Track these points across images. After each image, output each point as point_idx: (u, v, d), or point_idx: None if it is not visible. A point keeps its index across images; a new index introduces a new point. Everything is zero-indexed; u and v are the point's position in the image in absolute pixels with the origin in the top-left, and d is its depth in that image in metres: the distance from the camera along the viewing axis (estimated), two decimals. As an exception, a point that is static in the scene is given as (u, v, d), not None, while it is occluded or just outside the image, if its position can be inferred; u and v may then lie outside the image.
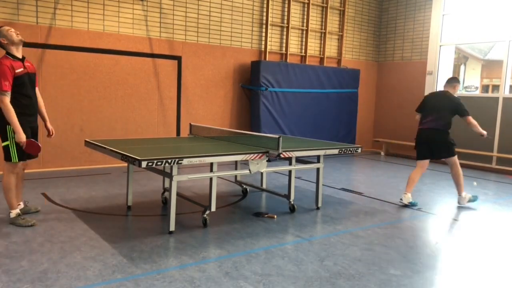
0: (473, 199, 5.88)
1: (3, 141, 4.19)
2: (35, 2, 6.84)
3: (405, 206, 5.65)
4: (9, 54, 4.16)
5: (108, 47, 7.49)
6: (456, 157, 5.82)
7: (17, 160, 4.19)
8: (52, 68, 7.04)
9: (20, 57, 4.22)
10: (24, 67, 4.21)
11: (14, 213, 4.30)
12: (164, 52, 8.08)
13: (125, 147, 4.47)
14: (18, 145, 4.13)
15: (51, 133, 4.64)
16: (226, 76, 8.86)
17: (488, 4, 9.41)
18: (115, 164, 7.45)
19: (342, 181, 7.12)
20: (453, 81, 6.01)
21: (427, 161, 5.87)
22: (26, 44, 6.76)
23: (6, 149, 4.17)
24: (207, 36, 8.55)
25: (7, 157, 4.19)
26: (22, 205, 4.61)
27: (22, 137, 4.09)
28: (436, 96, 6.04)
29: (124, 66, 7.69)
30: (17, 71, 4.10)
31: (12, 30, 4.20)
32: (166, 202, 5.31)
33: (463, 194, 5.82)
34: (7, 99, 4.01)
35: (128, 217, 4.85)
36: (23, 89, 4.16)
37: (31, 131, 4.29)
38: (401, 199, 5.71)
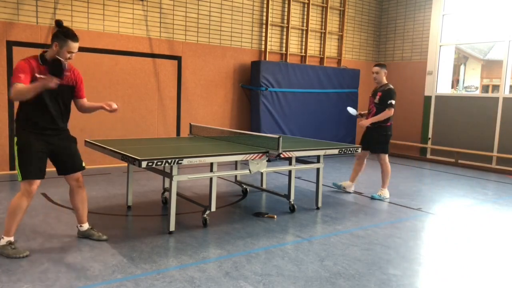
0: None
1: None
2: (35, 2, 6.84)
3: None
4: (42, 57, 3.54)
5: (108, 47, 7.49)
6: None
7: (21, 178, 3.50)
8: (52, 68, 7.03)
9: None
10: None
11: (5, 240, 3.56)
12: (164, 52, 8.08)
13: (125, 147, 4.47)
14: (22, 161, 3.49)
15: (112, 107, 3.89)
16: (226, 76, 8.86)
17: (488, 4, 9.41)
18: (115, 164, 7.44)
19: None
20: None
21: None
22: (26, 44, 6.82)
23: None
24: (207, 36, 8.55)
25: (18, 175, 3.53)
26: (85, 227, 4.02)
27: (45, 82, 3.32)
28: None
29: (124, 66, 7.69)
30: (37, 75, 3.45)
31: (72, 51, 3.55)
32: (166, 202, 5.31)
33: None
34: (13, 87, 3.33)
35: (128, 217, 4.85)
36: (37, 102, 3.47)
37: (47, 148, 3.62)
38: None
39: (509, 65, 9.02)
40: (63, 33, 3.51)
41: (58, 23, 3.72)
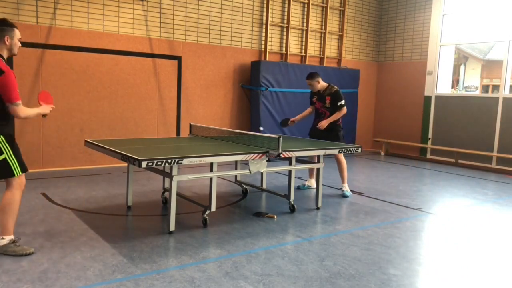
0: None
1: None
2: (35, 2, 6.84)
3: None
4: (2, 57, 3.53)
5: (108, 47, 7.49)
6: None
7: (20, 172, 3.54)
8: (52, 68, 7.04)
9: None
10: None
11: (7, 239, 3.54)
12: (164, 52, 8.08)
13: (125, 147, 4.47)
14: (17, 157, 3.53)
15: None
16: (226, 76, 8.86)
17: (488, 4, 9.41)
18: (115, 164, 7.45)
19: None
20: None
21: None
22: (26, 44, 6.82)
23: (3, 164, 3.47)
24: (207, 36, 8.55)
25: (8, 173, 3.50)
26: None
27: (46, 109, 3.72)
28: None
29: (124, 66, 7.69)
30: None
31: (20, 38, 3.65)
32: (166, 202, 5.31)
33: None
34: (21, 108, 3.47)
35: (128, 217, 4.85)
36: None
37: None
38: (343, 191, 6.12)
39: (509, 65, 9.02)
40: (7, 25, 3.55)
41: None
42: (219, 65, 8.75)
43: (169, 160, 3.87)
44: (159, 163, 3.84)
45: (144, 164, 3.73)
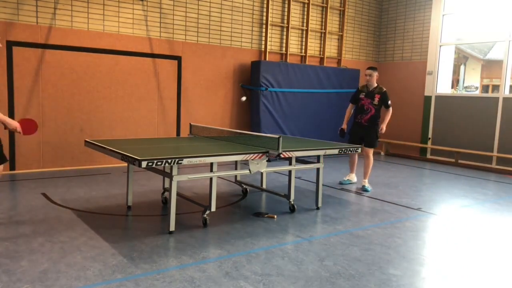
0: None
1: None
2: (35, 2, 6.84)
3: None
4: None
5: (108, 47, 7.49)
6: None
7: None
8: (52, 68, 7.04)
9: None
10: None
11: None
12: (164, 52, 8.08)
13: (125, 147, 4.47)
14: None
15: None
16: (226, 76, 8.86)
17: (488, 4, 9.41)
18: (115, 164, 7.45)
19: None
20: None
21: None
22: (26, 44, 6.83)
23: None
24: (207, 36, 8.55)
25: None
26: None
27: (12, 124, 4.12)
28: None
29: (124, 66, 7.69)
30: None
31: None
32: (166, 202, 5.31)
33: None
34: None
35: (128, 217, 4.85)
36: None
37: None
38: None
39: (509, 65, 9.02)
40: None
41: None
42: (219, 65, 8.74)
43: (169, 160, 3.87)
44: (159, 163, 3.84)
45: (144, 164, 3.74)
